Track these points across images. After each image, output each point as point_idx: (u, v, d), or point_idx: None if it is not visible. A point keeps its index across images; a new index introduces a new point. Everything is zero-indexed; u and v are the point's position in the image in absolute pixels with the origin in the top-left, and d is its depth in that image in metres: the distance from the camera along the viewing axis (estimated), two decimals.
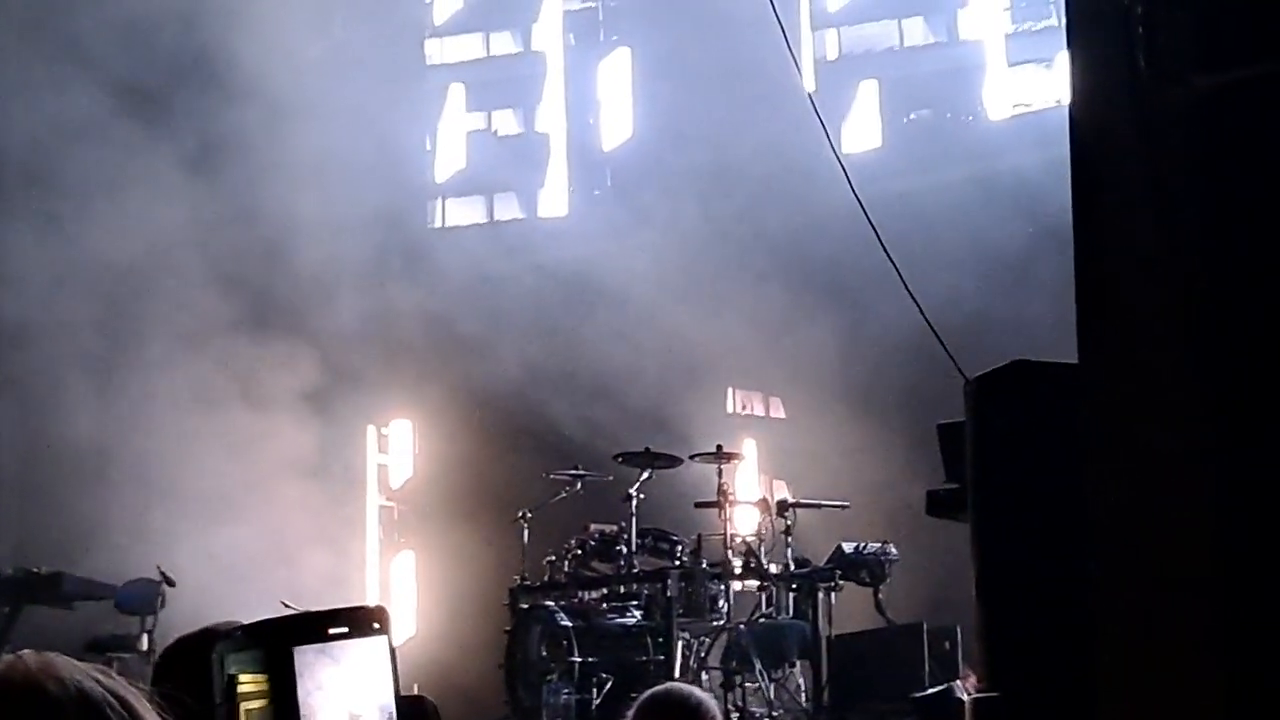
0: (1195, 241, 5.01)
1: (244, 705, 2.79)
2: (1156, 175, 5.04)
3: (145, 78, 16.25)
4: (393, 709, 2.96)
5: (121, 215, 15.92)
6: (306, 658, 2.83)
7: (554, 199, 18.67)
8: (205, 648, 2.87)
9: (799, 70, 8.26)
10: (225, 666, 2.80)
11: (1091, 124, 5.37)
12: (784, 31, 7.72)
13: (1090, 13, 5.37)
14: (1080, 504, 5.15)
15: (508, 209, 19.14)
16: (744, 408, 17.03)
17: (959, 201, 14.53)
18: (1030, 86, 16.06)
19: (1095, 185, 5.33)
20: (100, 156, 15.97)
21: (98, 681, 2.06)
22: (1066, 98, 5.66)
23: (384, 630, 2.93)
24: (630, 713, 4.88)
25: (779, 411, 16.96)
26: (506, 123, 19.31)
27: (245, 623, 2.89)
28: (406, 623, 17.88)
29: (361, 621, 2.91)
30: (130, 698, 2.08)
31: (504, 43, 19.43)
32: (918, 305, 6.30)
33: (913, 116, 16.85)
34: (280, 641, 2.84)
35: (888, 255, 6.54)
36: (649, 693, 4.96)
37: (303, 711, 2.80)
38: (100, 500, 15.74)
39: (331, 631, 2.89)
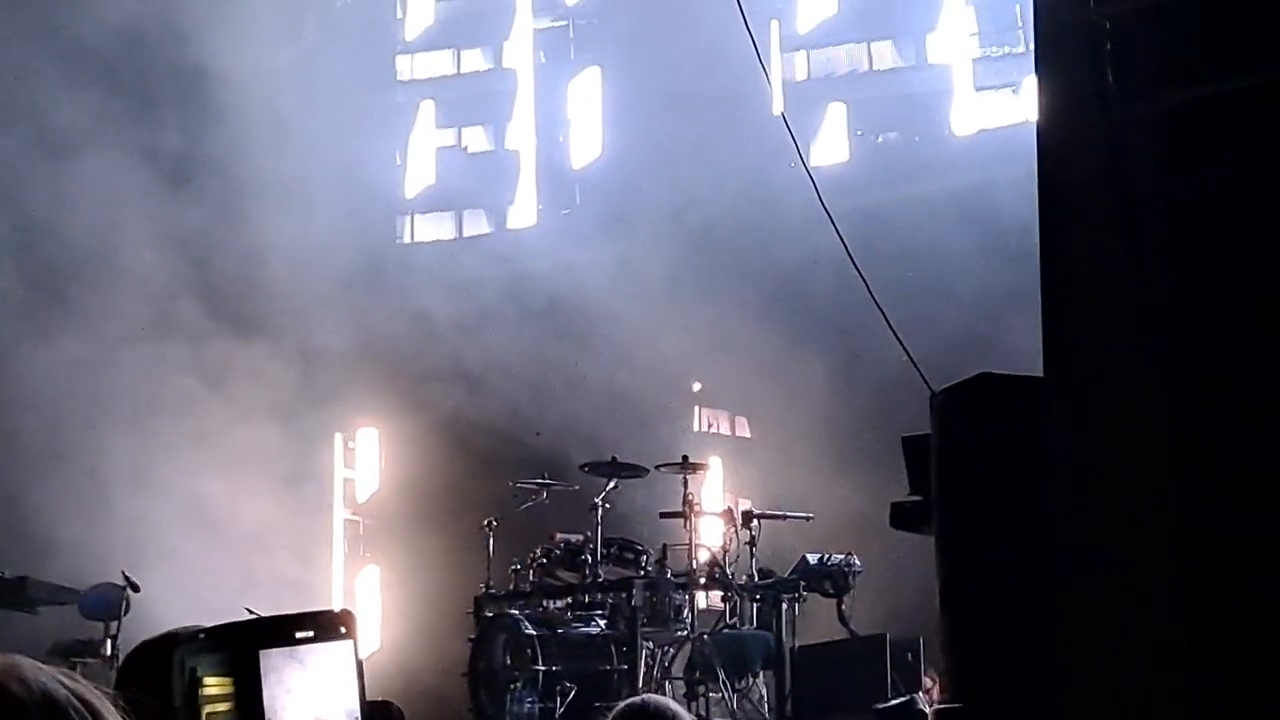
0: (1160, 254, 5.05)
1: (209, 708, 2.79)
2: (1122, 189, 5.07)
3: (119, 78, 16.19)
4: (358, 713, 2.97)
5: (88, 214, 15.87)
6: (272, 661, 2.83)
7: (523, 215, 18.66)
8: (169, 651, 2.86)
9: (770, 86, 8.30)
10: (188, 668, 2.80)
11: (1059, 138, 5.41)
12: (756, 49, 7.75)
13: (1059, 30, 5.41)
14: (1043, 515, 5.19)
15: (476, 225, 19.13)
16: (710, 426, 17.04)
17: (924, 216, 14.55)
18: (996, 111, 16.08)
19: (1062, 199, 5.36)
20: (66, 152, 15.92)
21: (61, 683, 2.06)
22: (1034, 114, 5.70)
23: (350, 634, 2.93)
24: None
25: (744, 430, 16.98)
26: (476, 139, 19.31)
27: (209, 626, 2.89)
28: (371, 635, 17.86)
29: (327, 625, 2.91)
30: (94, 700, 2.08)
31: (475, 60, 19.44)
32: (884, 316, 6.32)
33: (880, 140, 16.88)
34: (246, 644, 2.84)
35: (855, 267, 6.57)
36: (625, 704, 4.93)
37: (268, 714, 2.80)
38: (63, 505, 15.67)
39: (297, 635, 2.89)
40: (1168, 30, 5.08)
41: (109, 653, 13.42)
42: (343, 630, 2.91)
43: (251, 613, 3.07)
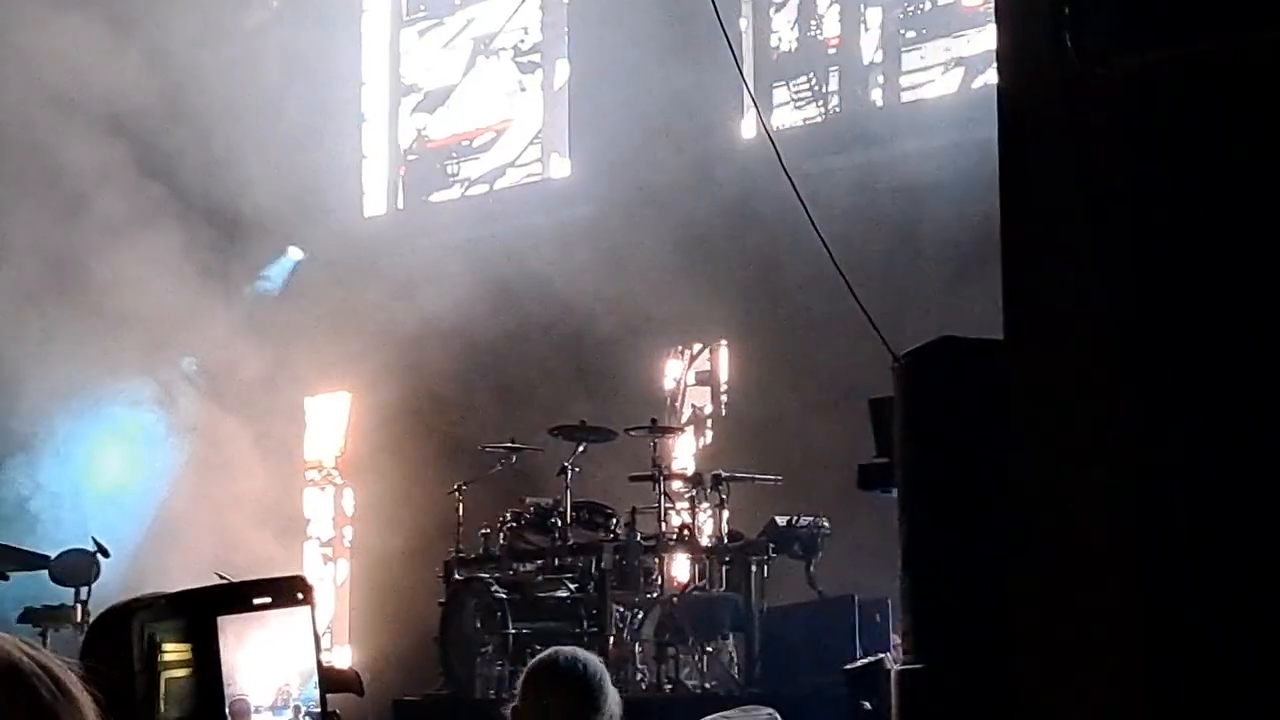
0: (1120, 219, 5.08)
1: (167, 674, 2.81)
2: (1084, 155, 5.10)
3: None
4: (316, 678, 2.99)
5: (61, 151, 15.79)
6: (230, 627, 2.86)
7: (491, 179, 18.62)
8: (129, 618, 2.88)
9: (733, 52, 8.29)
10: (147, 635, 2.83)
11: (1019, 103, 5.43)
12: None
13: None
14: (1003, 477, 5.23)
15: (444, 191, 19.07)
16: (680, 384, 17.07)
17: (885, 181, 14.57)
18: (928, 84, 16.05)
19: (1022, 163, 5.39)
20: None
21: (25, 652, 2.09)
22: (995, 78, 5.73)
23: (307, 601, 2.96)
24: (520, 683, 4.96)
25: (715, 387, 17.02)
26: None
27: (169, 592, 2.92)
28: (342, 601, 17.94)
29: (285, 591, 2.94)
30: (56, 670, 2.11)
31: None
32: (845, 280, 6.35)
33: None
34: (204, 611, 2.87)
35: (815, 229, 6.60)
36: (535, 661, 5.05)
37: (226, 681, 2.83)
38: (33, 470, 15.69)
39: (256, 601, 2.91)
40: None
41: (79, 618, 13.47)
42: (300, 596, 2.94)
43: (222, 578, 3.09)
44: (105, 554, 13.88)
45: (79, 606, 13.74)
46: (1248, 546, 4.77)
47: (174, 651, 2.84)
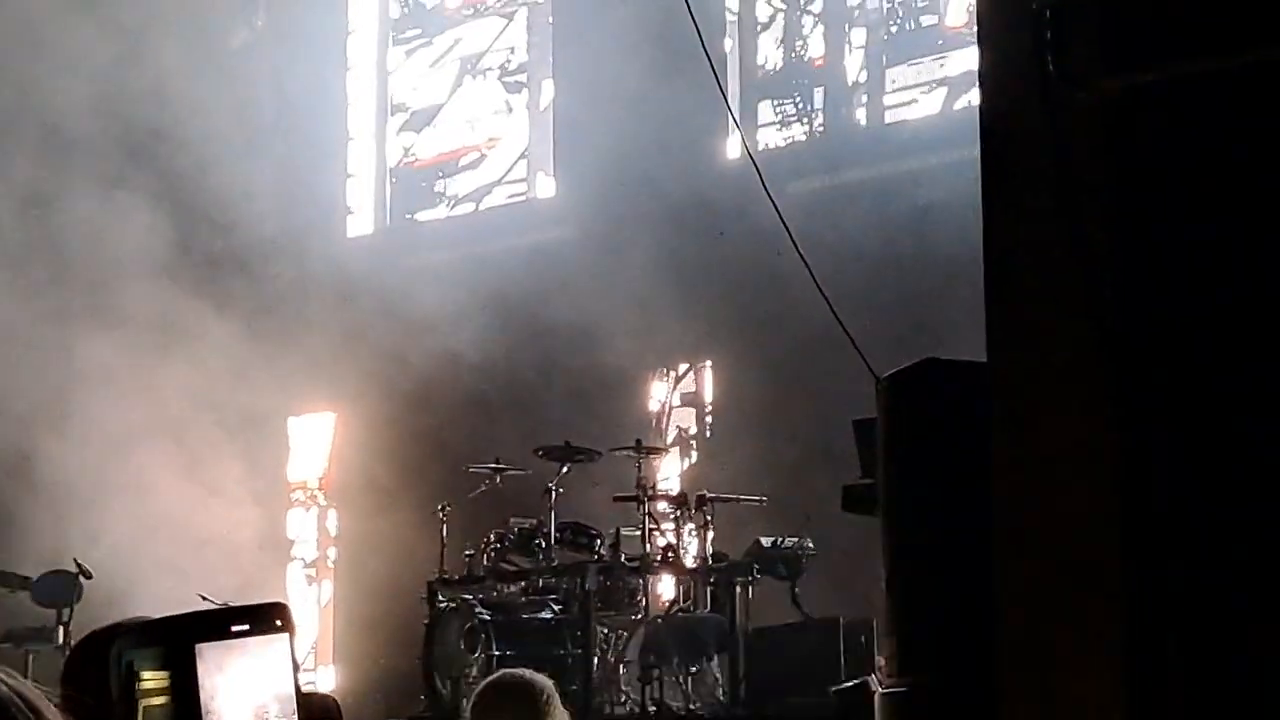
0: (1102, 241, 5.09)
1: (144, 702, 2.79)
2: (1065, 177, 5.11)
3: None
4: (294, 705, 2.97)
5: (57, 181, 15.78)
6: (208, 654, 2.84)
7: (480, 200, 18.63)
8: (110, 645, 2.87)
9: (715, 74, 8.29)
10: (125, 662, 2.81)
11: (1002, 126, 5.45)
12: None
13: (1001, 16, 5.44)
14: (987, 500, 5.23)
15: (431, 210, 19.07)
16: (665, 405, 17.07)
17: (868, 200, 14.60)
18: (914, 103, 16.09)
19: (1005, 186, 5.40)
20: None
21: (3, 681, 2.08)
22: (978, 99, 5.74)
23: (286, 628, 2.93)
24: (471, 701, 5.17)
25: (700, 408, 17.02)
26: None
27: (148, 619, 2.90)
28: (326, 622, 17.89)
29: (263, 618, 2.91)
30: (34, 698, 2.11)
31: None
32: (827, 301, 6.35)
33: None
34: (182, 638, 2.84)
35: (797, 250, 6.60)
36: (484, 681, 5.36)
37: (204, 709, 2.81)
38: (15, 489, 15.62)
39: (234, 628, 2.89)
40: (1107, 17, 5.12)
41: (61, 640, 13.43)
42: (278, 623, 2.92)
43: (206, 601, 3.08)
44: (87, 575, 13.84)
45: (60, 628, 13.71)
46: (1231, 557, 4.78)
47: (152, 679, 2.82)
